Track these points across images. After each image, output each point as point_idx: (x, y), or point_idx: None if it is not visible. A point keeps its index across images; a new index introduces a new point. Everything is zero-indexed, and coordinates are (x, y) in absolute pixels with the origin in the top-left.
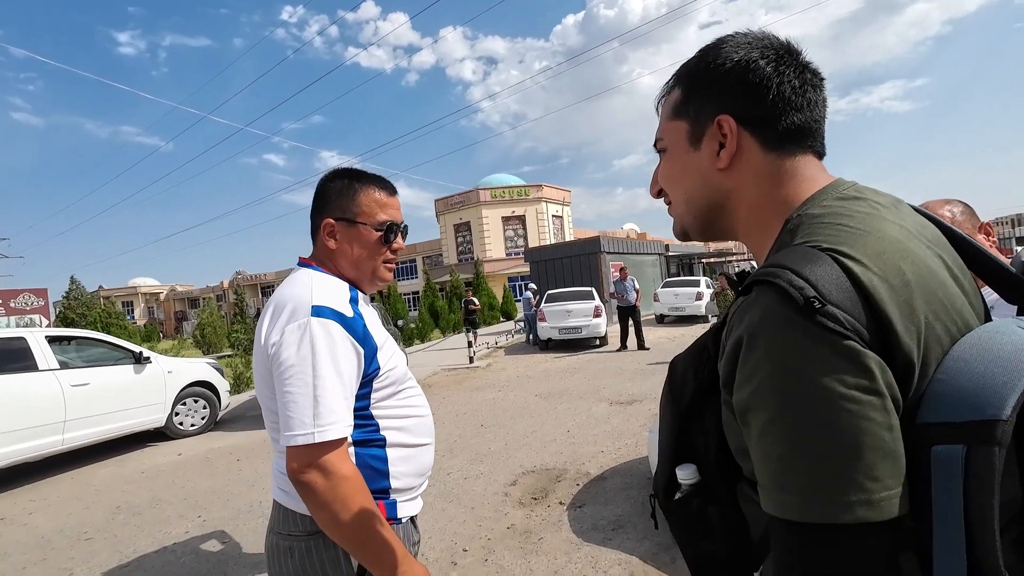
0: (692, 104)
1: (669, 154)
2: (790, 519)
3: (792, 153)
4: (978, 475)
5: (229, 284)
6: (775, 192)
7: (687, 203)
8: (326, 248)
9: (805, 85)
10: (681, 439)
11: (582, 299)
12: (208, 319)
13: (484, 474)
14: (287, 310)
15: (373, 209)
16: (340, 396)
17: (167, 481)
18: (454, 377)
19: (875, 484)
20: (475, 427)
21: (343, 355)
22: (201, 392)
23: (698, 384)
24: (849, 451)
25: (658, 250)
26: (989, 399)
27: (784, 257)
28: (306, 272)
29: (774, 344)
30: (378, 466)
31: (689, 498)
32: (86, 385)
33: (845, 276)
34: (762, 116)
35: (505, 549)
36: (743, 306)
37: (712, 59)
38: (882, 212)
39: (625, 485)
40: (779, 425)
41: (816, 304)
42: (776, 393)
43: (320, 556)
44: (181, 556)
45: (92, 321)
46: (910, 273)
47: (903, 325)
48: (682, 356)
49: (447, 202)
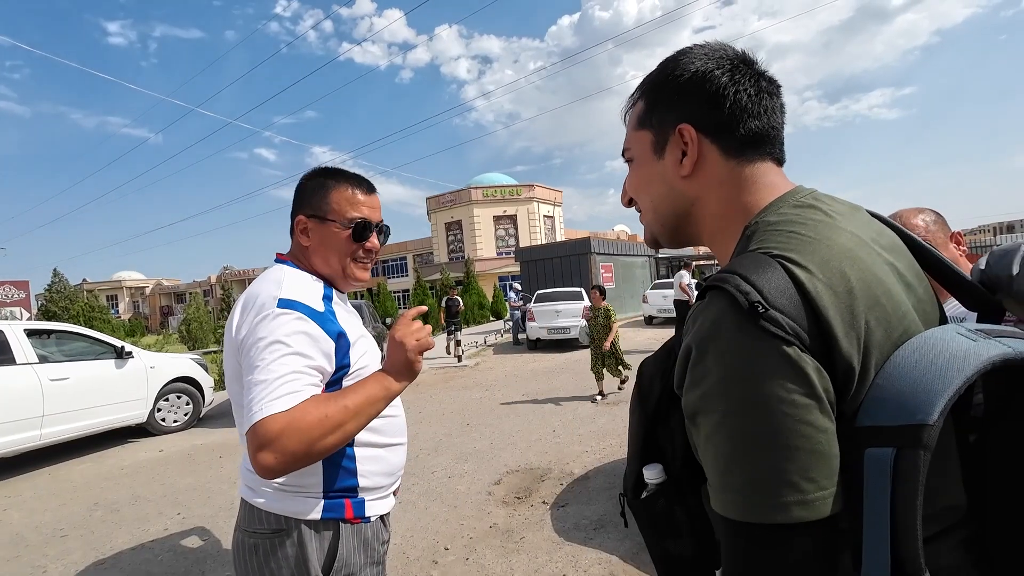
0: (655, 114)
1: (635, 163)
2: (732, 518)
3: (751, 160)
4: (905, 477)
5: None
6: (737, 199)
7: (654, 211)
8: (300, 245)
9: (761, 92)
10: (648, 441)
11: (571, 299)
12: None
13: (468, 473)
14: (256, 305)
15: (343, 207)
16: (295, 375)
17: (147, 478)
18: (441, 376)
19: (810, 485)
20: (461, 426)
21: (305, 341)
22: (184, 388)
23: (664, 388)
24: (786, 453)
25: (648, 252)
26: (920, 404)
27: (736, 263)
28: (279, 268)
29: (720, 348)
30: (346, 464)
31: (655, 497)
32: (65, 380)
33: (791, 282)
34: (721, 123)
35: (487, 548)
36: (696, 311)
37: (671, 71)
38: (836, 220)
39: (608, 485)
40: (723, 427)
41: (760, 308)
42: (720, 397)
43: (284, 553)
44: (159, 554)
45: (75, 315)
46: (855, 280)
47: (843, 331)
48: (651, 360)
49: (438, 200)
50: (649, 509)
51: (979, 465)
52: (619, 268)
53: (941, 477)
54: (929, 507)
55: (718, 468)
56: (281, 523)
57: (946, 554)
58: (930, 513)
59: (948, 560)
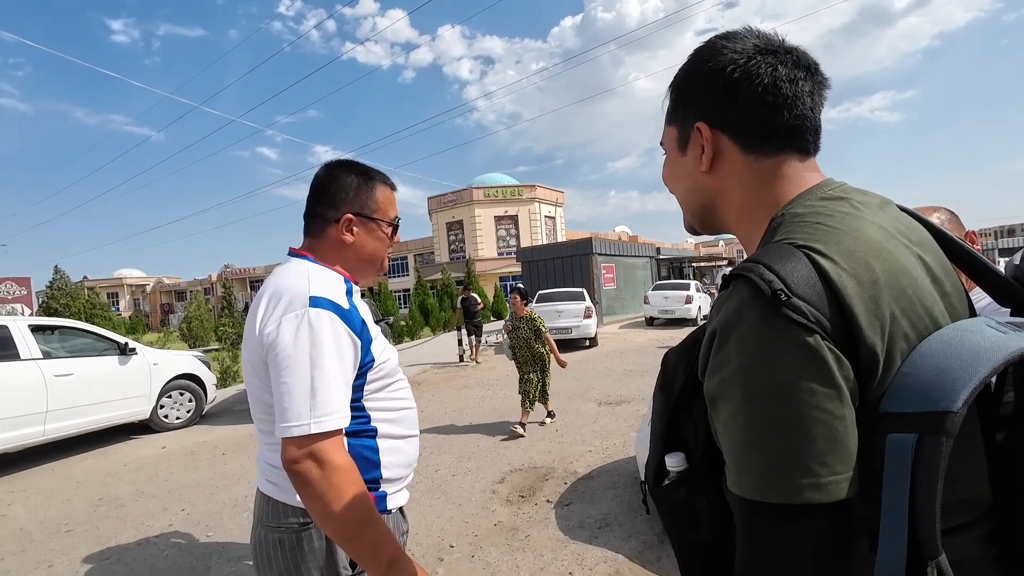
0: (678, 111)
1: (667, 158)
2: (748, 497)
3: (772, 154)
4: (926, 462)
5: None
6: (762, 192)
7: (684, 203)
8: (338, 241)
9: (779, 81)
10: (671, 429)
11: (573, 300)
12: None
13: (472, 471)
14: (284, 300)
15: (386, 207)
16: (337, 387)
17: (150, 474)
18: (443, 375)
19: (824, 469)
20: (464, 424)
21: (340, 346)
22: (187, 385)
23: (688, 378)
24: (802, 439)
25: (649, 253)
26: (944, 392)
27: (760, 253)
28: (301, 263)
29: (742, 335)
30: (370, 456)
31: (676, 485)
32: (69, 375)
33: (815, 272)
34: (736, 119)
35: (492, 546)
36: (721, 300)
37: (692, 66)
38: (863, 212)
39: (612, 484)
40: (742, 413)
41: (782, 296)
42: (740, 382)
43: (311, 547)
44: (164, 549)
45: (76, 311)
46: (880, 270)
47: (867, 320)
48: (675, 350)
49: (440, 200)
50: (670, 497)
51: (1007, 461)
52: (620, 269)
53: (964, 467)
54: (949, 495)
55: (735, 450)
56: (306, 518)
57: (965, 546)
58: (951, 502)
59: (967, 552)
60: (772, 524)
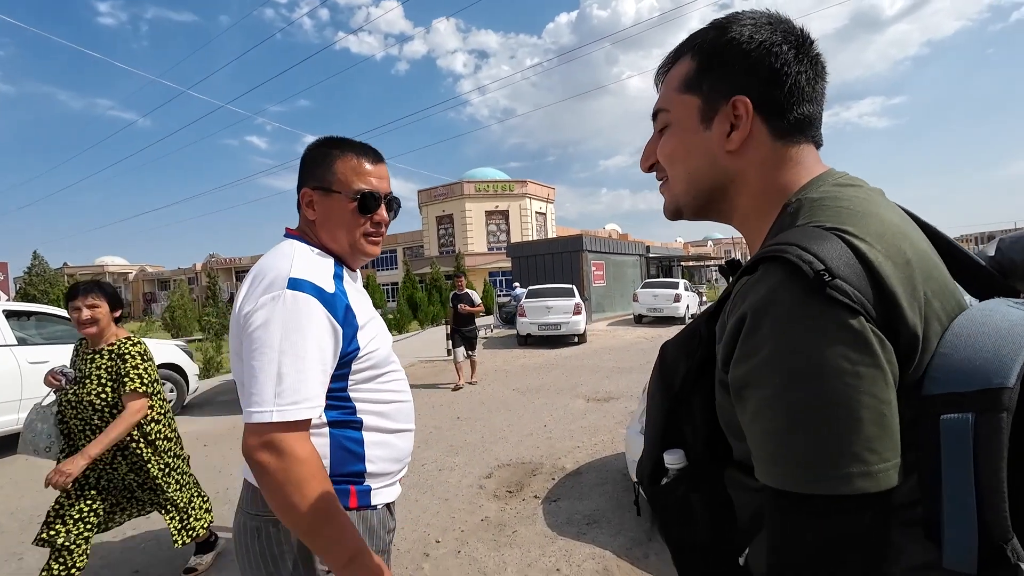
0: (707, 80)
1: (674, 130)
2: (788, 490)
3: (797, 142)
4: (987, 440)
5: (202, 267)
6: (776, 178)
7: (688, 182)
8: (306, 219)
9: (816, 77)
10: (670, 424)
11: (562, 296)
12: (179, 302)
13: (459, 466)
14: (265, 281)
15: (349, 177)
16: (309, 375)
17: None
18: (431, 369)
19: (873, 456)
20: (451, 419)
21: (317, 332)
22: (168, 375)
23: (689, 368)
24: (849, 424)
25: (639, 251)
26: (995, 369)
27: (790, 236)
28: (289, 243)
29: (780, 318)
30: (353, 448)
31: (675, 484)
32: (45, 363)
33: (852, 253)
34: (777, 103)
35: (478, 541)
36: (747, 285)
37: (734, 34)
38: (876, 198)
39: (600, 480)
40: (780, 400)
41: (826, 277)
42: (779, 367)
43: (288, 538)
44: (140, 542)
45: (55, 299)
46: (910, 253)
47: (907, 301)
48: (673, 341)
49: (430, 193)
50: (669, 496)
51: None
52: (610, 267)
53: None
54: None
55: (772, 439)
56: None
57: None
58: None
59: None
60: (815, 517)
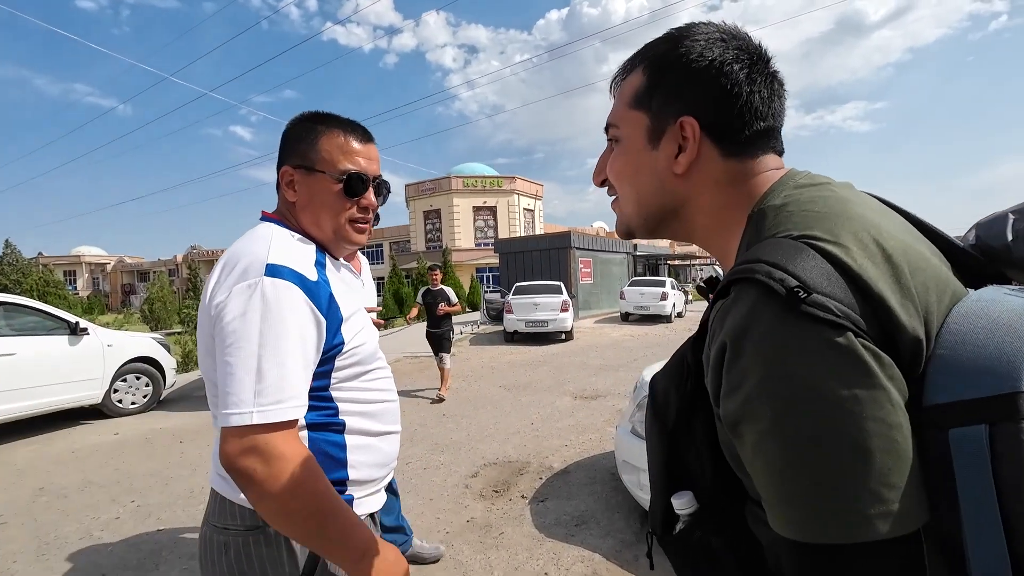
0: (656, 97)
1: (622, 147)
2: (801, 540)
3: (753, 155)
4: (1007, 454)
5: (183, 258)
6: (736, 194)
7: (637, 203)
8: (286, 201)
9: (773, 96)
10: (672, 463)
11: (550, 293)
12: (158, 293)
13: (445, 465)
14: (238, 267)
15: (335, 156)
16: (291, 371)
17: (100, 462)
18: (417, 365)
19: (893, 492)
20: (437, 416)
21: (300, 323)
22: (144, 368)
23: (681, 401)
24: (857, 457)
25: (626, 249)
26: (1006, 370)
27: (757, 252)
28: (267, 226)
29: (760, 345)
30: (335, 453)
31: (690, 529)
32: (12, 355)
33: (825, 261)
34: (727, 125)
35: (464, 543)
36: (722, 309)
37: (684, 51)
38: (843, 193)
39: (589, 480)
40: (776, 435)
41: (800, 294)
42: (768, 399)
43: (259, 554)
44: (109, 544)
45: (28, 289)
46: (891, 247)
47: (899, 303)
48: (662, 373)
49: (418, 188)
50: (685, 544)
51: None
52: (597, 264)
53: None
54: None
55: (774, 483)
56: (257, 520)
57: None
58: None
59: None
60: (835, 570)
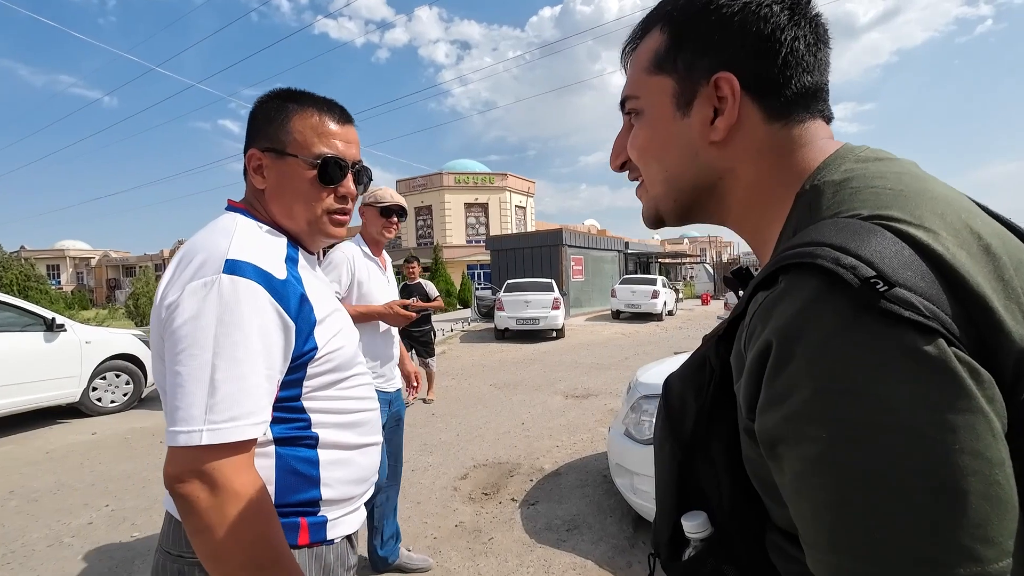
0: (682, 55)
1: (646, 120)
2: None
3: (801, 120)
4: None
5: (170, 253)
6: (778, 167)
7: (666, 182)
8: (254, 188)
9: (819, 42)
10: (685, 480)
11: (541, 290)
12: (143, 288)
13: (433, 466)
14: (194, 263)
15: (309, 138)
16: (252, 384)
17: (75, 463)
18: None
19: (991, 550)
20: (426, 415)
21: (262, 327)
22: (124, 366)
23: (700, 409)
24: (946, 503)
25: (618, 247)
26: None
27: (817, 233)
28: (231, 217)
29: (820, 349)
30: (306, 470)
31: (702, 557)
32: None
33: (908, 247)
34: (771, 78)
35: (452, 549)
36: (767, 302)
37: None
38: (917, 171)
39: (580, 483)
40: (832, 466)
41: (879, 286)
42: (824, 419)
43: None
44: (79, 551)
45: (8, 283)
46: (986, 236)
47: (1002, 304)
48: (677, 375)
49: (409, 184)
50: (695, 572)
51: None
52: (589, 262)
53: None
54: None
55: (822, 523)
56: None
57: None
58: None
59: None
60: None
